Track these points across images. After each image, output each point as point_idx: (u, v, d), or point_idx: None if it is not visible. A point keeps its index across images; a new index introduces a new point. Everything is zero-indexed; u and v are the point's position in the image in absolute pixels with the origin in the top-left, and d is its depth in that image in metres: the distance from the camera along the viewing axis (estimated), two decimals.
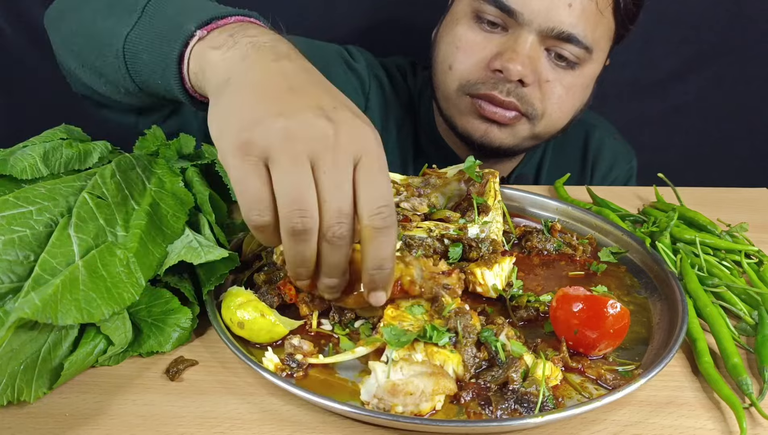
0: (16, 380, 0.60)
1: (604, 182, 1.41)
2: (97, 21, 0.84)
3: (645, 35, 1.73)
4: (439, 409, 0.62)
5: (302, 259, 0.62)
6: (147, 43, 0.78)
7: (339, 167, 0.59)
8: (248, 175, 0.59)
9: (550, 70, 1.11)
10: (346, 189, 0.59)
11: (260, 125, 0.59)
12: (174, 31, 0.75)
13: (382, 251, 0.61)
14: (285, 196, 0.58)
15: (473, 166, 0.95)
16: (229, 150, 0.60)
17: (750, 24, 1.75)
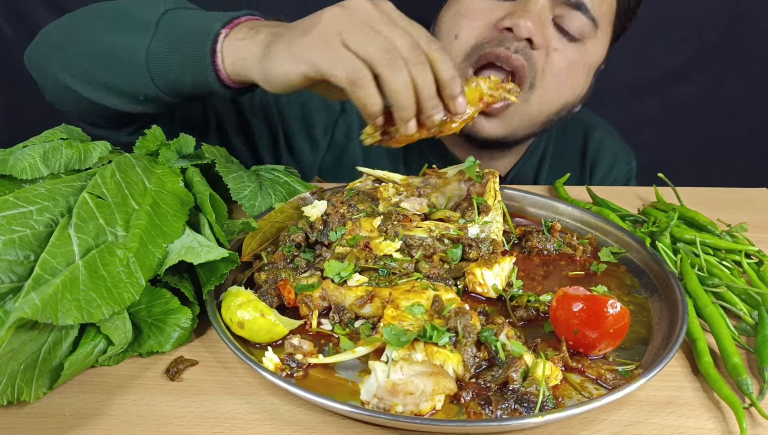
0: (16, 380, 0.60)
1: (604, 183, 1.41)
2: (108, 41, 0.94)
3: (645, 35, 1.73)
4: (439, 409, 0.62)
5: (406, 88, 0.77)
6: (171, 49, 0.90)
7: (388, 20, 0.79)
8: (334, 51, 0.77)
9: (557, 40, 1.10)
10: (403, 31, 0.78)
11: (321, 23, 0.78)
12: (201, 34, 0.88)
13: (449, 64, 0.79)
14: (368, 47, 0.76)
15: (473, 166, 0.95)
16: (310, 51, 0.78)
17: (750, 24, 1.75)
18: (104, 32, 0.95)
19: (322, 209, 0.88)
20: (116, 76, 0.95)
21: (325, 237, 0.85)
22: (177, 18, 0.93)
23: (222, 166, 0.92)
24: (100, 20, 0.98)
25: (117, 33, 0.94)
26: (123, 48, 0.93)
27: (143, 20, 0.93)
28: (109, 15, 0.98)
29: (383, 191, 0.93)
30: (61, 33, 1.02)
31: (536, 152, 1.37)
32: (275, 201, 0.94)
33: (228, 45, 0.87)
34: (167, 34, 0.91)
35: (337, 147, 1.31)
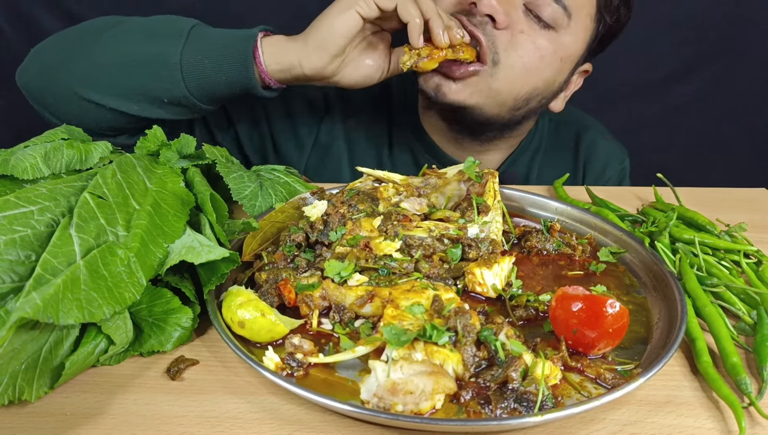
0: (17, 380, 0.60)
1: (597, 182, 1.41)
2: (140, 49, 1.05)
3: (645, 36, 1.74)
4: (438, 408, 0.62)
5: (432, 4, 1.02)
6: (206, 52, 1.03)
7: None
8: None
9: (525, 23, 1.11)
10: None
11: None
12: (239, 37, 1.04)
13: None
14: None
15: (473, 167, 0.95)
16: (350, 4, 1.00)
17: (750, 24, 1.75)
18: (131, 43, 1.06)
19: (323, 209, 0.88)
20: (146, 80, 1.04)
21: (325, 237, 0.85)
22: (207, 29, 1.07)
23: (223, 166, 0.93)
24: (123, 34, 1.07)
25: (147, 42, 1.05)
26: (154, 54, 1.03)
27: (174, 31, 1.05)
28: (131, 29, 1.08)
29: (383, 191, 0.93)
30: (66, 50, 1.09)
31: (527, 152, 1.38)
32: (276, 201, 0.94)
33: (267, 42, 1.04)
34: (200, 41, 1.04)
35: (322, 146, 1.34)
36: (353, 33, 1.02)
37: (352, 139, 1.34)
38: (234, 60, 1.04)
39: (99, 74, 1.05)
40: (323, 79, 1.08)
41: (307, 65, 1.04)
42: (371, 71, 1.09)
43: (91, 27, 1.12)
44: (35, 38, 1.69)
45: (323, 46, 1.02)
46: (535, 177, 1.38)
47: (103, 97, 1.05)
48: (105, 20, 1.14)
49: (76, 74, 1.06)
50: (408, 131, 1.33)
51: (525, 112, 1.22)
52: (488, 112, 1.17)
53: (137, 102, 1.06)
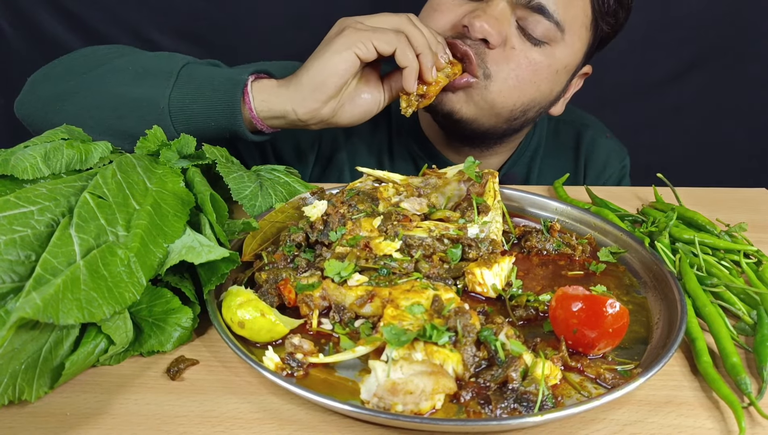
0: (17, 380, 0.60)
1: (598, 181, 1.41)
2: (129, 91, 1.03)
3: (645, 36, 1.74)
4: (438, 408, 0.62)
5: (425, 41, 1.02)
6: (195, 96, 1.01)
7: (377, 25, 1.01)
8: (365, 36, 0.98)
9: (517, 39, 1.11)
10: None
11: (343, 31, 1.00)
12: (230, 81, 1.00)
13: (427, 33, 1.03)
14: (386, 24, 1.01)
15: (473, 167, 0.95)
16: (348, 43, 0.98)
17: (750, 24, 1.75)
18: (121, 83, 1.04)
19: (323, 209, 0.88)
20: (132, 123, 1.02)
21: (325, 237, 0.85)
22: (197, 70, 1.04)
23: (223, 166, 0.93)
24: (112, 72, 1.06)
25: (136, 82, 1.03)
26: (144, 96, 1.01)
27: (163, 71, 1.02)
28: (121, 67, 1.06)
29: (383, 191, 0.93)
30: (59, 85, 1.09)
31: (527, 151, 1.38)
32: (276, 201, 0.94)
33: (257, 87, 1.01)
34: (189, 83, 1.01)
35: (324, 158, 1.34)
36: (350, 75, 1.00)
37: (353, 149, 1.35)
38: (222, 107, 1.00)
39: (88, 116, 1.04)
40: (321, 122, 1.04)
41: (302, 111, 1.00)
42: (369, 105, 1.07)
43: (83, 61, 1.11)
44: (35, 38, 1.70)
45: (318, 89, 0.99)
46: (535, 177, 1.39)
47: (94, 135, 1.00)
48: (95, 53, 1.12)
49: (67, 113, 1.04)
50: (409, 139, 1.33)
51: (523, 122, 1.23)
52: (485, 123, 1.19)
53: (129, 142, 1.01)
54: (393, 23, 1.00)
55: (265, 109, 1.02)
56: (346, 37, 0.97)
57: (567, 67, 1.18)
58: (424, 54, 1.00)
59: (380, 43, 0.97)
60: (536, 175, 1.39)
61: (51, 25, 1.69)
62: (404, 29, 1.00)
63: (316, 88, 0.99)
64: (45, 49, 1.70)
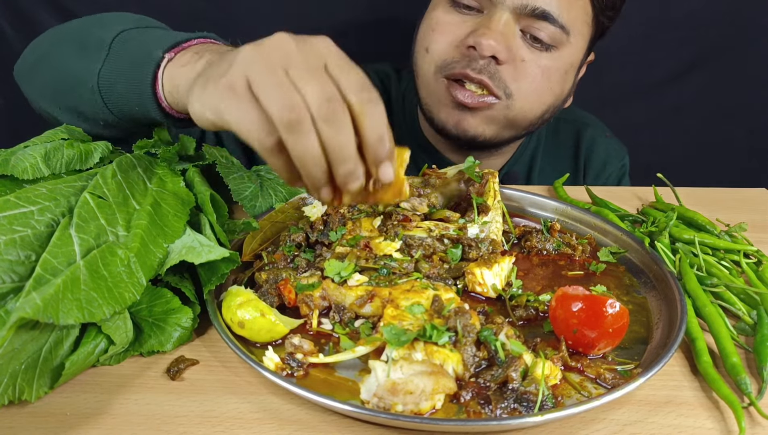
0: (17, 380, 0.60)
1: (597, 180, 1.41)
2: (69, 64, 0.89)
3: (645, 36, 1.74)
4: (438, 408, 0.62)
5: (312, 155, 0.62)
6: (119, 74, 0.84)
7: (311, 64, 0.62)
8: (240, 105, 0.62)
9: (525, 50, 1.10)
10: (324, 78, 0.62)
11: (233, 66, 0.63)
12: (144, 59, 0.81)
13: (379, 121, 0.63)
14: (272, 102, 0.61)
15: (473, 167, 0.95)
16: (218, 101, 0.64)
17: (750, 24, 1.75)
18: (67, 56, 0.91)
19: (323, 209, 0.88)
20: (76, 101, 0.90)
21: (325, 237, 0.85)
22: (130, 40, 0.86)
23: (223, 166, 0.93)
24: (65, 43, 0.93)
25: (77, 57, 0.89)
26: (79, 72, 0.87)
27: (98, 41, 0.87)
28: (73, 36, 0.93)
29: None
30: (36, 54, 1.00)
31: (527, 151, 1.38)
32: (276, 201, 0.94)
33: (168, 72, 0.79)
34: (118, 58, 0.85)
35: None
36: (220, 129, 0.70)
37: None
38: (136, 89, 0.82)
39: (47, 90, 0.94)
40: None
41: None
42: None
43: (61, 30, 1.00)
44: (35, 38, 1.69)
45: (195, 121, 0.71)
46: (536, 175, 1.39)
47: (54, 110, 0.94)
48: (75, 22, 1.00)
49: (33, 86, 0.97)
50: (409, 139, 1.33)
51: (539, 126, 1.24)
52: (504, 137, 1.20)
53: (81, 120, 0.91)
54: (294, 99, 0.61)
55: (173, 102, 0.81)
56: (219, 90, 0.64)
57: (573, 64, 1.18)
58: (306, 175, 0.64)
59: (240, 126, 0.63)
60: (537, 174, 1.39)
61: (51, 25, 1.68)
62: (315, 112, 0.61)
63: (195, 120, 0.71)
64: None
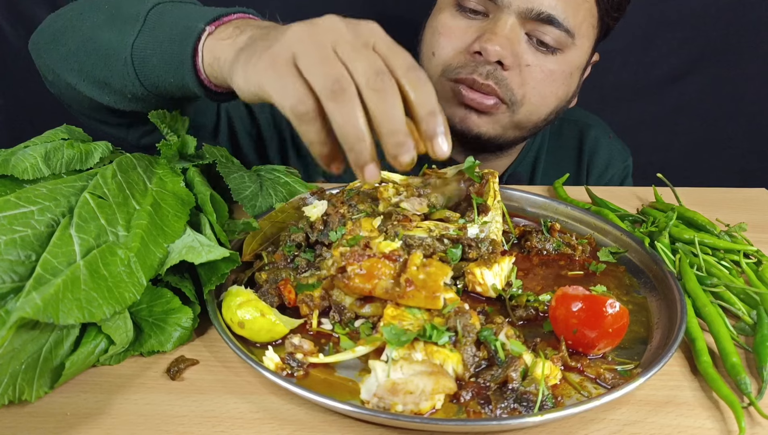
0: (17, 380, 0.60)
1: (600, 181, 1.41)
2: (100, 35, 0.89)
3: (645, 36, 1.74)
4: (438, 408, 0.62)
5: (354, 124, 0.62)
6: (155, 47, 0.83)
7: (360, 42, 0.64)
8: (282, 77, 0.64)
9: (530, 55, 1.10)
10: (374, 56, 0.63)
11: (279, 41, 0.66)
12: (184, 32, 0.80)
13: (430, 95, 0.64)
14: (315, 73, 0.62)
15: (473, 167, 0.95)
16: (261, 74, 0.66)
17: (750, 24, 1.75)
18: (97, 27, 0.91)
19: (323, 209, 0.88)
20: (105, 72, 0.89)
21: (325, 237, 0.85)
22: (166, 13, 0.86)
23: (223, 166, 0.93)
24: (95, 13, 0.93)
25: (108, 28, 0.89)
26: (111, 43, 0.87)
27: (133, 14, 0.87)
28: (102, 7, 0.93)
29: (383, 191, 0.93)
30: (60, 23, 0.98)
31: (531, 151, 1.38)
32: (276, 201, 0.94)
33: (209, 44, 0.79)
34: (153, 31, 0.85)
35: None
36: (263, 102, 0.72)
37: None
38: (174, 61, 0.82)
39: (72, 59, 0.92)
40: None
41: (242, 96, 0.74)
42: None
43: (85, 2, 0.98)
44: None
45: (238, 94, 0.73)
46: (539, 176, 1.39)
47: (78, 82, 0.93)
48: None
49: (59, 54, 0.95)
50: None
51: (543, 126, 1.24)
52: (508, 137, 1.21)
53: (106, 93, 0.92)
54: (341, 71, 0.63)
55: (212, 75, 0.80)
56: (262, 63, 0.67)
57: (578, 66, 1.19)
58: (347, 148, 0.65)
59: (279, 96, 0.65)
60: (540, 175, 1.39)
61: None
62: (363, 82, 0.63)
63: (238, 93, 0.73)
64: None
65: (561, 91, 1.18)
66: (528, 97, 1.13)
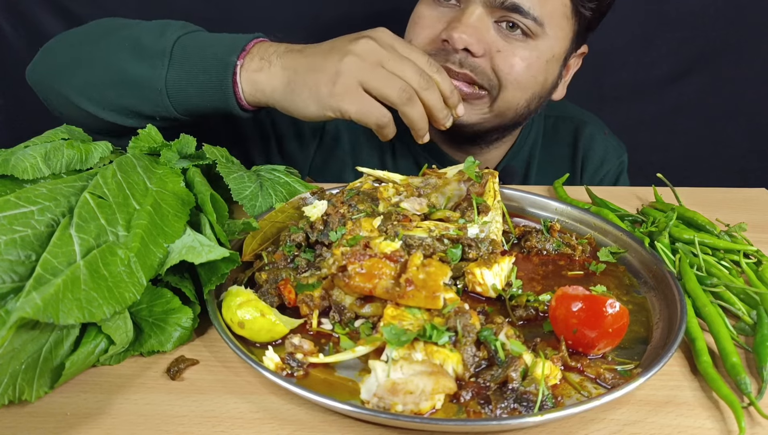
0: (17, 380, 0.60)
1: (595, 177, 1.42)
2: (127, 68, 1.02)
3: (645, 36, 1.74)
4: (438, 408, 0.62)
5: (420, 115, 0.97)
6: (190, 78, 1.00)
7: (395, 54, 0.95)
8: (363, 103, 0.94)
9: (501, 41, 1.12)
10: (407, 61, 0.95)
11: (342, 74, 0.93)
12: (217, 65, 0.98)
13: (447, 80, 1.00)
14: (389, 92, 0.93)
15: (473, 167, 0.95)
16: (339, 102, 0.93)
17: (750, 24, 1.75)
18: (121, 60, 1.02)
19: (323, 209, 0.88)
20: (135, 101, 1.03)
21: (325, 237, 0.85)
22: (188, 46, 1.01)
23: (223, 166, 0.93)
24: (112, 46, 1.04)
25: (134, 61, 1.01)
26: (143, 77, 1.00)
27: (158, 49, 1.00)
28: (121, 42, 1.04)
29: (383, 191, 0.93)
30: (67, 55, 1.08)
31: (525, 146, 1.39)
32: (276, 201, 0.94)
33: (245, 77, 0.98)
34: (183, 64, 1.00)
35: (326, 148, 1.34)
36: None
37: (355, 140, 1.35)
38: (214, 91, 1.00)
39: (92, 90, 1.04)
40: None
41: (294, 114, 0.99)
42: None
43: (91, 34, 1.11)
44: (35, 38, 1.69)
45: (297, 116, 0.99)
46: (534, 172, 1.39)
47: (97, 110, 1.05)
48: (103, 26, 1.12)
49: (73, 85, 1.05)
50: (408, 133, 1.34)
51: (526, 116, 1.24)
52: (489, 125, 1.21)
53: (131, 118, 1.05)
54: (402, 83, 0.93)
55: (254, 101, 1.01)
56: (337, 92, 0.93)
57: (555, 55, 1.18)
58: (417, 130, 0.99)
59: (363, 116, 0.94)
60: (535, 170, 1.39)
61: (51, 26, 1.69)
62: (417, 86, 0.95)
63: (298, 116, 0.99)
64: None
65: (539, 77, 1.18)
66: (504, 83, 1.14)
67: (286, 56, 0.98)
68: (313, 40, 1.02)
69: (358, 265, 0.73)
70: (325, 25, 1.64)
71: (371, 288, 0.72)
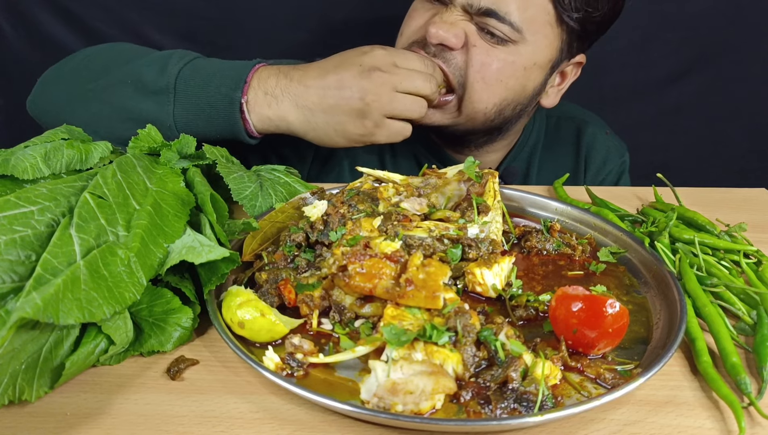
0: (17, 379, 0.60)
1: (598, 177, 1.42)
2: (134, 105, 1.06)
3: (645, 36, 1.74)
4: (438, 408, 0.63)
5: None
6: (197, 112, 1.05)
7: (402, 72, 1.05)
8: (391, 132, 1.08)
9: (477, 38, 1.13)
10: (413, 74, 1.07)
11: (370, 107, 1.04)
12: (223, 101, 1.04)
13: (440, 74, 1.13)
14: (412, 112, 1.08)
15: (473, 167, 0.95)
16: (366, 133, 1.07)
17: (750, 24, 1.75)
18: (125, 98, 1.07)
19: (323, 209, 0.88)
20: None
21: (325, 237, 0.85)
22: (189, 79, 1.05)
23: (223, 166, 0.93)
24: (116, 85, 1.08)
25: (139, 98, 1.06)
26: (150, 113, 1.05)
27: (162, 85, 1.05)
28: (122, 78, 1.08)
29: (383, 191, 0.93)
30: (68, 92, 1.12)
31: (526, 147, 1.39)
32: (276, 201, 0.94)
33: (255, 113, 1.05)
34: (188, 98, 1.05)
35: (323, 157, 1.35)
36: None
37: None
38: (223, 125, 1.06)
39: (99, 124, 1.07)
40: None
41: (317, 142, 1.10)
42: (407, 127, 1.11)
43: (89, 68, 1.13)
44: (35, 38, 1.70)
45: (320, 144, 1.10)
46: (535, 171, 1.39)
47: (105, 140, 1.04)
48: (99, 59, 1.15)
49: (79, 119, 1.06)
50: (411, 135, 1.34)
51: (501, 121, 1.24)
52: (463, 127, 1.22)
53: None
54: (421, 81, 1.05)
55: (267, 131, 1.08)
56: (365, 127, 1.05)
57: (538, 63, 1.17)
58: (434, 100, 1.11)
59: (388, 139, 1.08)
60: (536, 170, 1.39)
61: (51, 26, 1.69)
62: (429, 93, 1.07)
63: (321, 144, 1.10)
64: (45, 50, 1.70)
65: (511, 82, 1.17)
66: (471, 80, 1.14)
67: (290, 89, 1.05)
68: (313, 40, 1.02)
69: (358, 265, 0.73)
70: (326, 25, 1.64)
71: (371, 288, 0.72)
